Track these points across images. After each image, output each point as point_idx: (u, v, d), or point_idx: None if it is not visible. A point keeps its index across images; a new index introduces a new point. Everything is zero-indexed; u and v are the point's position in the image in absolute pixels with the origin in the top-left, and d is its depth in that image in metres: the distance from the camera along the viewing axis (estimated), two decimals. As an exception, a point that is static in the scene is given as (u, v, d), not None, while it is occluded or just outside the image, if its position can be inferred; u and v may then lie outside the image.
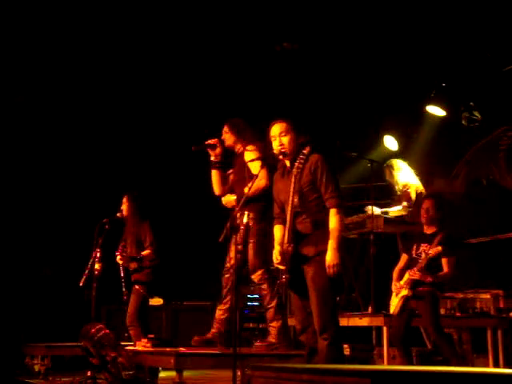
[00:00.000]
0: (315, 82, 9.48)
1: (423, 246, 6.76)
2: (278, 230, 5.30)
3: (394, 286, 6.84)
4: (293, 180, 4.99)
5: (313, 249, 5.01)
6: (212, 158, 6.40)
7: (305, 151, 5.03)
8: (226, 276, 6.19)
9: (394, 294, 6.87)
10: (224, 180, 6.50)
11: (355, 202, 8.81)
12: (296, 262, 5.00)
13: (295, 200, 4.92)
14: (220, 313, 6.24)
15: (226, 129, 6.45)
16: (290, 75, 9.46)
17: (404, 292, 6.71)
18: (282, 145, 5.16)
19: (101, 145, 10.30)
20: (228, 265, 6.21)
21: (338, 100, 9.54)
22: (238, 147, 6.39)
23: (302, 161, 5.00)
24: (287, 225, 5.01)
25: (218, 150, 6.37)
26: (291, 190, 4.96)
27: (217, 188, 6.48)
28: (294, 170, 5.01)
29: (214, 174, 6.46)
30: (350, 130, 9.45)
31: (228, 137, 6.41)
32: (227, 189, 6.49)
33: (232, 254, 5.91)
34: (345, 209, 5.15)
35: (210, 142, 6.35)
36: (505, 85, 8.28)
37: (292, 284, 5.04)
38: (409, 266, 6.80)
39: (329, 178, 5.03)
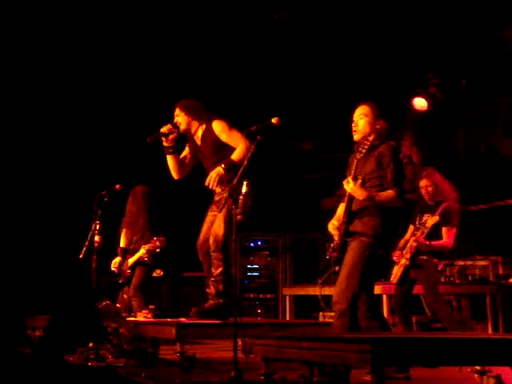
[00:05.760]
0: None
1: (426, 216, 6.80)
2: (339, 208, 5.33)
3: (395, 254, 6.88)
4: (353, 167, 5.07)
5: (360, 226, 5.03)
6: (165, 144, 6.18)
7: (370, 138, 5.05)
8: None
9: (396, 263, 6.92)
10: (181, 163, 6.33)
11: None
12: (345, 238, 5.07)
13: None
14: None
15: (177, 111, 6.24)
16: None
17: (403, 261, 6.76)
18: (355, 126, 5.18)
19: (99, 117, 10.26)
20: None
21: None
22: (195, 128, 6.23)
23: (365, 146, 5.03)
24: (345, 205, 5.09)
25: (171, 136, 6.17)
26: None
27: (175, 173, 6.32)
28: (358, 155, 5.06)
29: (170, 160, 6.26)
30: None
31: (181, 119, 6.21)
32: (186, 170, 6.37)
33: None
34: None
35: (164, 130, 6.14)
36: (503, 50, 8.25)
37: (341, 259, 5.09)
38: (413, 235, 6.84)
39: (394, 168, 5.04)
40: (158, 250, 7.44)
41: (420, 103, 9.29)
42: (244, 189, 4.97)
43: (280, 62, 9.52)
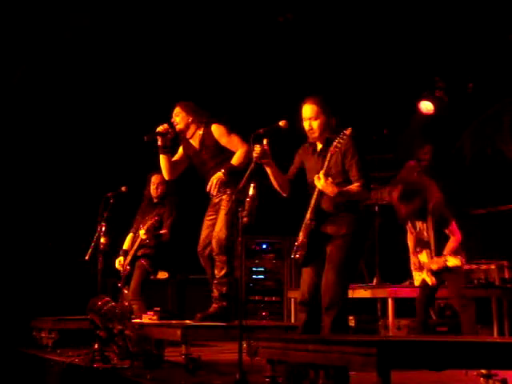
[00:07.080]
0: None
1: (419, 224, 6.80)
2: None
3: (413, 264, 6.84)
4: (326, 162, 4.89)
5: (338, 229, 4.92)
6: (159, 143, 6.18)
7: (347, 132, 4.87)
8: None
9: (413, 267, 6.90)
10: (174, 164, 6.32)
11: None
12: (317, 239, 4.96)
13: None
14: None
15: (178, 110, 6.24)
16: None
17: (428, 279, 6.69)
18: (311, 129, 5.07)
19: (106, 120, 10.27)
20: None
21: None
22: (192, 130, 6.23)
23: (341, 141, 4.85)
24: (312, 202, 4.99)
25: (168, 136, 6.19)
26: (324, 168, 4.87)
27: (167, 173, 6.32)
28: (332, 149, 4.87)
29: (163, 160, 6.25)
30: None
31: (180, 119, 6.21)
32: (178, 171, 6.38)
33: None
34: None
35: (160, 129, 6.14)
36: (509, 54, 8.24)
37: (307, 260, 4.98)
38: (417, 244, 6.82)
39: (358, 160, 4.92)
40: (159, 231, 7.46)
41: (426, 106, 9.29)
42: (251, 191, 4.95)
43: (286, 64, 9.52)
